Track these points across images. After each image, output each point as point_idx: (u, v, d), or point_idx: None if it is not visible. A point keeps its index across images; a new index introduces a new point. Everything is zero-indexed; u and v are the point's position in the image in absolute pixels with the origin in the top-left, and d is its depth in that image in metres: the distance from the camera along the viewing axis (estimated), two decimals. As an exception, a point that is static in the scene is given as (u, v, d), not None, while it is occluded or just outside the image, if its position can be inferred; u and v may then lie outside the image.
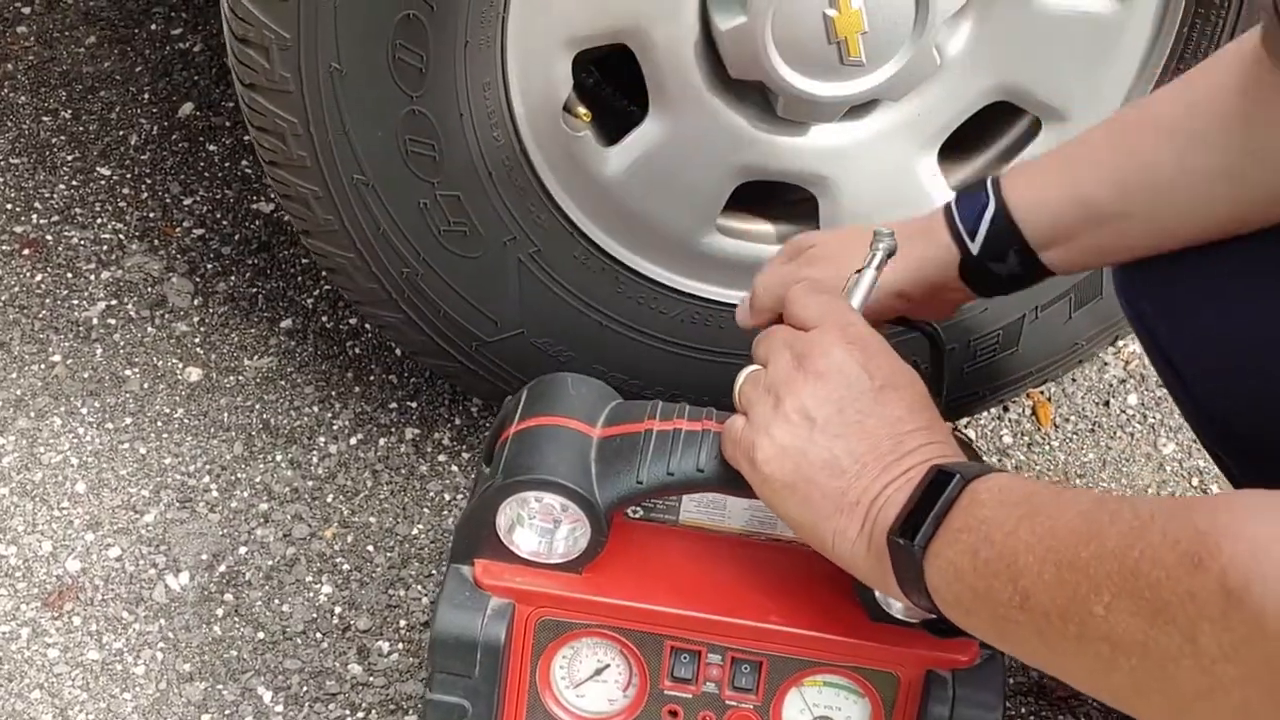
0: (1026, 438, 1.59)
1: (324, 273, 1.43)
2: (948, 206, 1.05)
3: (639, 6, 1.22)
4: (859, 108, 1.31)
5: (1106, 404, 1.63)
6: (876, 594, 0.95)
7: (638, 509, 1.01)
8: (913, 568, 0.83)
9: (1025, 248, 1.01)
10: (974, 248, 1.02)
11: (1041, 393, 1.62)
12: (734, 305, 1.39)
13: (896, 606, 0.95)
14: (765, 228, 1.40)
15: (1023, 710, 1.33)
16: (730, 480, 0.94)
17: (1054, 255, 1.02)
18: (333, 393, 1.56)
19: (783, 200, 1.40)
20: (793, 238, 1.15)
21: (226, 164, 1.81)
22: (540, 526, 0.95)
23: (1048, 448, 1.58)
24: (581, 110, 1.31)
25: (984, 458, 1.02)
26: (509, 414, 1.00)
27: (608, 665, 0.99)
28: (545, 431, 0.96)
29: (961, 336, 1.43)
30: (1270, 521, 0.63)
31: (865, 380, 0.89)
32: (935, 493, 0.83)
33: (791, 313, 0.95)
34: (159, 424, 1.52)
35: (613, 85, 1.43)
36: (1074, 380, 1.64)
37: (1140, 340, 1.09)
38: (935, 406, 0.92)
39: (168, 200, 1.76)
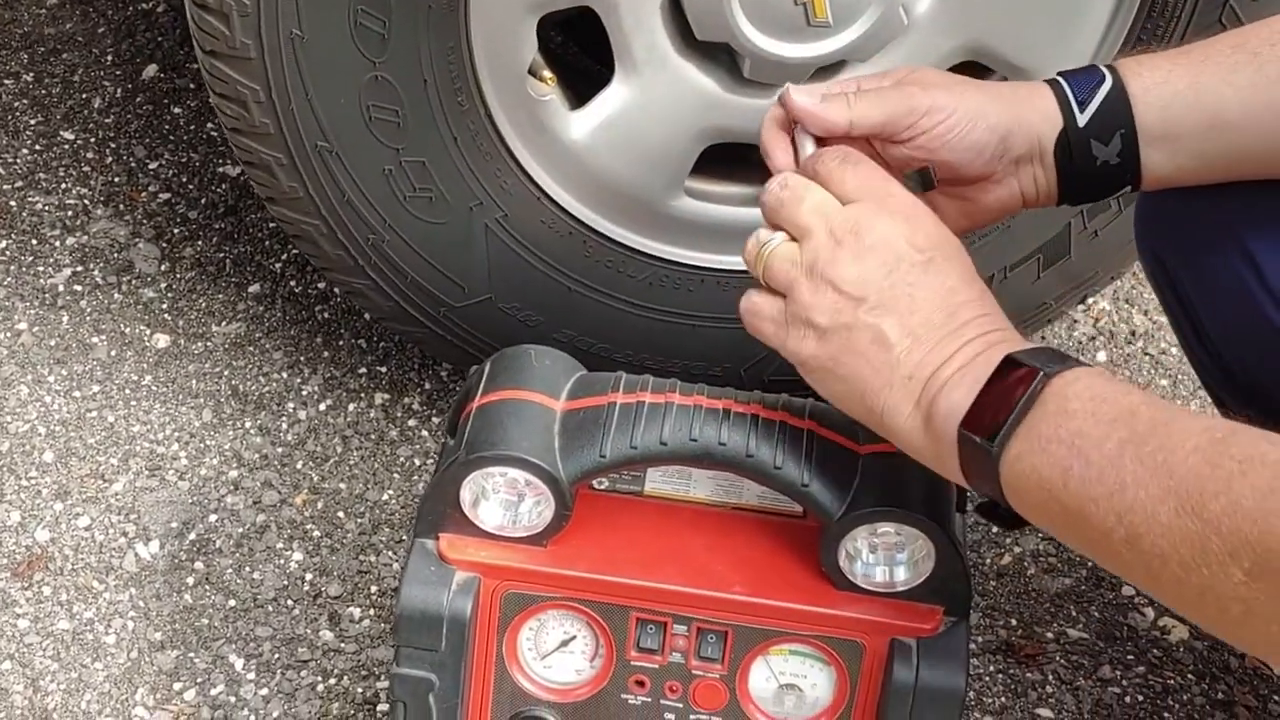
0: (996, 396, 1.59)
1: (291, 239, 1.42)
2: (1052, 79, 0.96)
3: (603, -31, 1.21)
4: (826, 68, 1.31)
5: (1076, 362, 1.63)
6: (841, 564, 0.95)
7: (602, 480, 1.01)
8: (987, 465, 0.79)
9: (1132, 133, 0.94)
10: (1081, 119, 0.93)
11: (1011, 351, 1.63)
12: (702, 268, 1.39)
13: (861, 575, 0.95)
14: (733, 190, 1.39)
15: (990, 668, 1.34)
16: (693, 453, 0.94)
17: (1156, 153, 0.95)
18: (301, 358, 1.56)
19: (751, 162, 1.39)
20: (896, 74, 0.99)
21: (192, 127, 1.79)
22: (504, 500, 0.95)
23: (1017, 406, 1.58)
24: (547, 74, 1.30)
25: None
26: (473, 387, 1.00)
27: (574, 637, 0.99)
28: (508, 405, 0.96)
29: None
30: None
31: (912, 253, 0.85)
32: (1005, 383, 0.78)
33: (829, 184, 0.88)
34: (127, 391, 1.51)
35: (579, 47, 1.42)
36: (1044, 338, 1.65)
37: (1156, 290, 1.06)
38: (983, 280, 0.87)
39: (133, 164, 1.74)
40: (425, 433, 1.50)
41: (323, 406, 1.51)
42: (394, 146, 1.24)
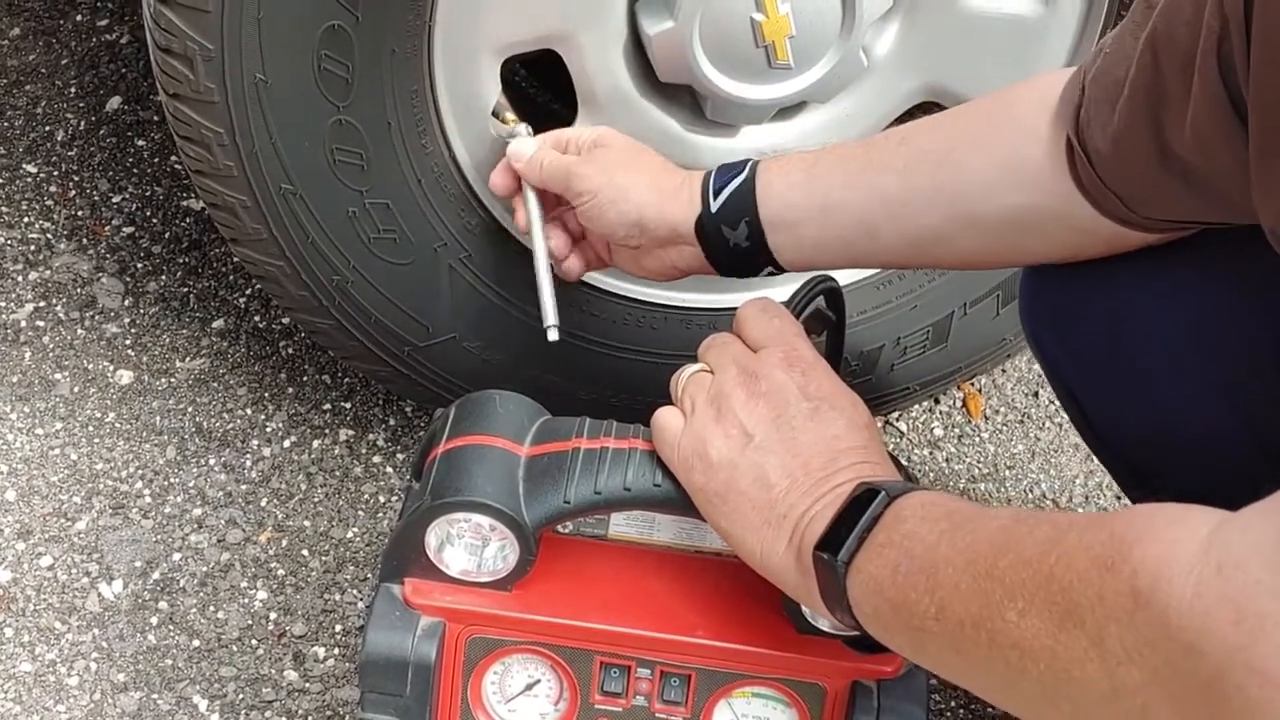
0: (957, 430, 1.61)
1: (255, 279, 1.43)
2: (711, 170, 1.10)
3: (567, 12, 1.22)
4: (788, 109, 1.32)
5: (1036, 395, 1.65)
6: (803, 607, 0.96)
7: (567, 524, 1.02)
8: (836, 583, 0.84)
9: (756, 221, 1.05)
10: (714, 206, 1.06)
11: (972, 384, 1.64)
12: (667, 306, 1.40)
13: (823, 620, 0.96)
14: (696, 228, 1.40)
15: (952, 703, 1.35)
16: (656, 499, 0.94)
17: (780, 238, 1.05)
18: (266, 394, 1.56)
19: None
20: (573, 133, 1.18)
21: (156, 159, 1.79)
22: (469, 545, 0.96)
23: (978, 439, 1.60)
24: (510, 115, 1.30)
25: (917, 477, 1.04)
26: (437, 431, 1.01)
27: (538, 680, 1.00)
28: (473, 451, 0.97)
29: (891, 332, 1.44)
30: (1182, 527, 0.64)
31: (802, 401, 0.92)
32: (861, 508, 0.84)
33: (743, 331, 0.98)
34: (90, 428, 1.51)
35: (541, 87, 1.43)
36: (1004, 372, 1.66)
37: (1044, 370, 1.11)
38: (877, 431, 0.93)
39: (96, 198, 1.74)
40: (390, 469, 1.50)
41: (287, 443, 1.51)
42: (358, 189, 1.24)
